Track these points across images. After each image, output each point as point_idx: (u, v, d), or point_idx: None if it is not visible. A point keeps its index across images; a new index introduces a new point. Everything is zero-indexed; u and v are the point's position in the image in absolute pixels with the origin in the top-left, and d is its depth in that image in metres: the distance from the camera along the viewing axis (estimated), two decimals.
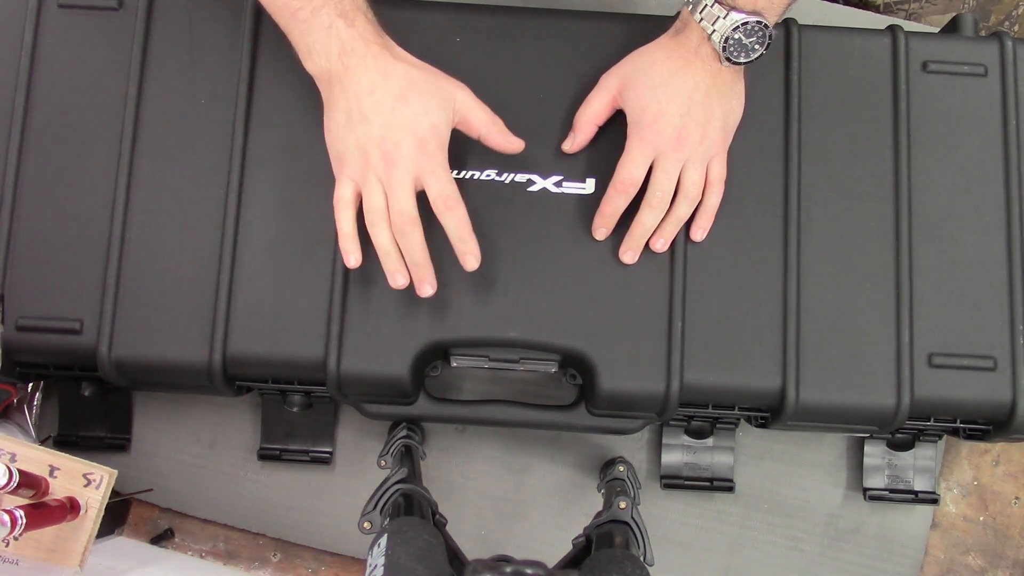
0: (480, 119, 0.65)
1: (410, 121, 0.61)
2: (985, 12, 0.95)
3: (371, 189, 0.62)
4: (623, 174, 0.66)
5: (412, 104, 0.61)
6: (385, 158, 0.61)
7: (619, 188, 0.66)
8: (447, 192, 0.62)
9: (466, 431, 0.81)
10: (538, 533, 0.80)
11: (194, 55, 0.71)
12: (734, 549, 0.81)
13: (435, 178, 0.62)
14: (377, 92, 0.61)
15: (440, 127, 0.63)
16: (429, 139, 0.62)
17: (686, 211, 0.67)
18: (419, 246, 0.62)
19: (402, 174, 0.61)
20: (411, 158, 0.61)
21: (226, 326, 0.67)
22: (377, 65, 0.62)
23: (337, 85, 0.62)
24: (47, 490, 0.65)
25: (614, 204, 0.67)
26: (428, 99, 0.62)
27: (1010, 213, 0.70)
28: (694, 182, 0.66)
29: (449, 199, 0.62)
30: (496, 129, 0.65)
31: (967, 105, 0.72)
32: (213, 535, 0.80)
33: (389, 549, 0.50)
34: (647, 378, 0.67)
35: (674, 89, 0.64)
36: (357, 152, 0.62)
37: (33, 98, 0.70)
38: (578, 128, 0.69)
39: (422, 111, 0.62)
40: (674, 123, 0.64)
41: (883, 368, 0.68)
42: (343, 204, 0.63)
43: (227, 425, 0.81)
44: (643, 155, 0.65)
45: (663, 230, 0.67)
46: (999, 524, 0.82)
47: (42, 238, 0.69)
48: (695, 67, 0.64)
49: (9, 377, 0.71)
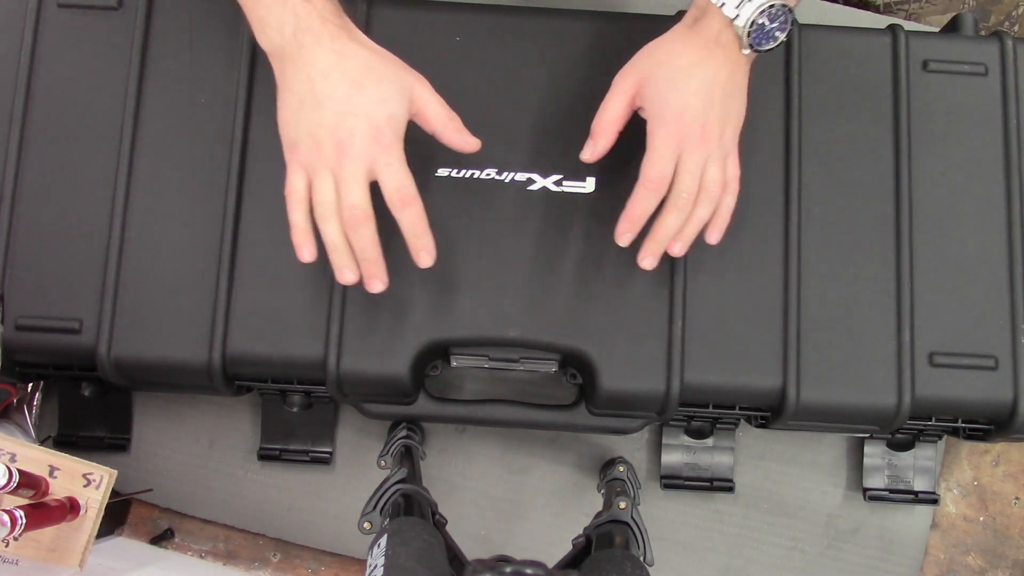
0: (436, 114, 0.61)
1: (366, 109, 0.58)
2: (985, 12, 0.95)
3: (321, 180, 0.59)
4: (653, 172, 0.61)
5: (368, 91, 0.58)
6: (338, 147, 0.58)
7: (650, 187, 0.61)
8: (403, 187, 0.59)
9: (466, 431, 0.81)
10: (538, 533, 0.80)
11: (194, 55, 0.71)
12: (734, 549, 0.81)
13: (391, 171, 0.58)
14: (332, 76, 0.58)
15: (397, 117, 0.59)
16: (385, 129, 0.58)
17: (707, 212, 0.63)
18: (370, 241, 0.59)
19: (355, 165, 0.58)
20: (365, 148, 0.58)
21: (226, 326, 0.67)
22: (334, 46, 0.58)
23: (290, 64, 0.59)
24: (47, 490, 0.65)
25: (643, 205, 0.62)
26: (385, 87, 0.59)
27: (1011, 212, 0.70)
28: (715, 180, 0.62)
29: (406, 195, 0.59)
30: (452, 126, 0.62)
31: (967, 104, 0.72)
32: (213, 535, 0.80)
33: (389, 549, 0.50)
34: (647, 378, 0.67)
35: (696, 82, 0.60)
36: (309, 140, 0.59)
37: (33, 98, 0.70)
38: (597, 134, 0.64)
39: (379, 99, 0.58)
40: (698, 118, 0.60)
41: (884, 368, 0.68)
42: (295, 197, 0.60)
43: (227, 425, 0.81)
44: (670, 150, 0.61)
45: (683, 233, 0.63)
46: (999, 524, 0.82)
47: (42, 238, 0.69)
48: (716, 57, 0.60)
49: (9, 377, 0.71)
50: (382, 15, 0.71)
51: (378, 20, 0.71)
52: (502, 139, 0.70)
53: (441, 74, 0.70)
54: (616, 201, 0.69)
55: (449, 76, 0.70)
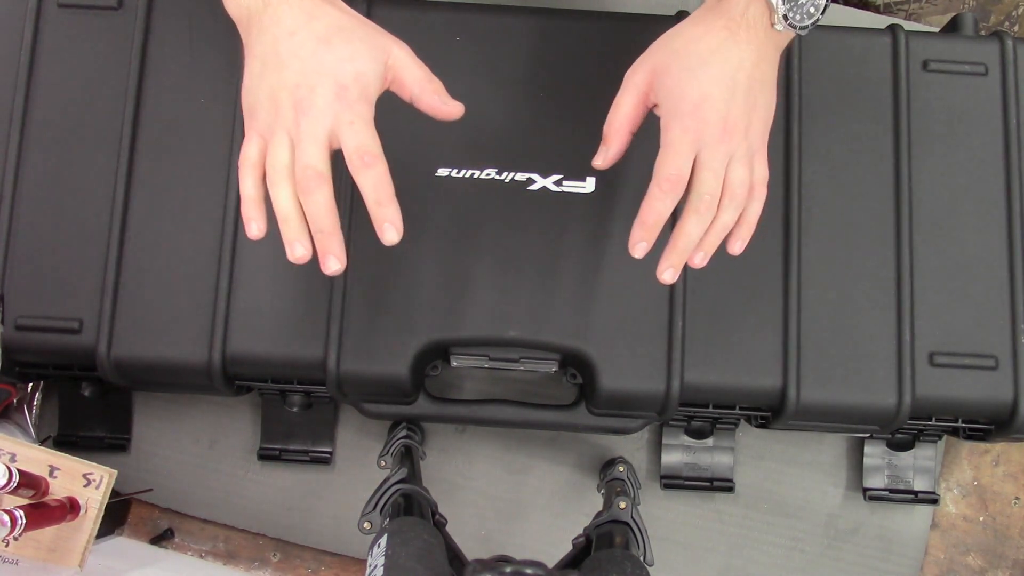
0: (415, 77, 0.55)
1: (331, 67, 0.52)
2: (985, 12, 0.95)
3: (277, 143, 0.52)
4: (669, 169, 0.54)
5: (336, 49, 0.52)
6: (296, 106, 0.51)
7: (665, 187, 0.54)
8: (366, 145, 0.51)
9: (466, 431, 0.81)
10: (538, 533, 0.80)
11: (194, 55, 0.71)
12: (734, 549, 0.81)
13: (352, 129, 0.51)
14: (298, 35, 0.52)
15: (367, 77, 0.53)
16: (351, 87, 0.52)
17: (732, 218, 0.56)
18: (325, 207, 0.51)
19: (313, 124, 0.51)
20: (327, 106, 0.51)
21: (226, 325, 0.67)
22: (303, 5, 0.53)
23: (256, 27, 0.53)
24: (47, 490, 0.65)
25: (658, 208, 0.54)
26: (356, 46, 0.53)
27: (1011, 212, 0.70)
28: (742, 181, 0.55)
29: (367, 153, 0.51)
30: (431, 88, 0.56)
31: (967, 104, 0.72)
32: (213, 535, 0.80)
33: (389, 549, 0.50)
34: (647, 378, 0.67)
35: (717, 69, 0.54)
36: (268, 102, 0.53)
37: (33, 98, 0.70)
38: (610, 138, 0.58)
39: (347, 57, 0.52)
40: (719, 110, 0.53)
41: (884, 367, 0.68)
42: (248, 164, 0.53)
43: (227, 425, 0.81)
44: (688, 146, 0.54)
45: (705, 241, 0.56)
46: (999, 524, 0.82)
47: (42, 237, 0.69)
48: (740, 39, 0.54)
49: (9, 377, 0.71)
50: (382, 15, 0.71)
51: (378, 20, 0.70)
52: (502, 139, 0.70)
53: (441, 74, 0.70)
54: (616, 201, 0.69)
55: (449, 76, 0.70)
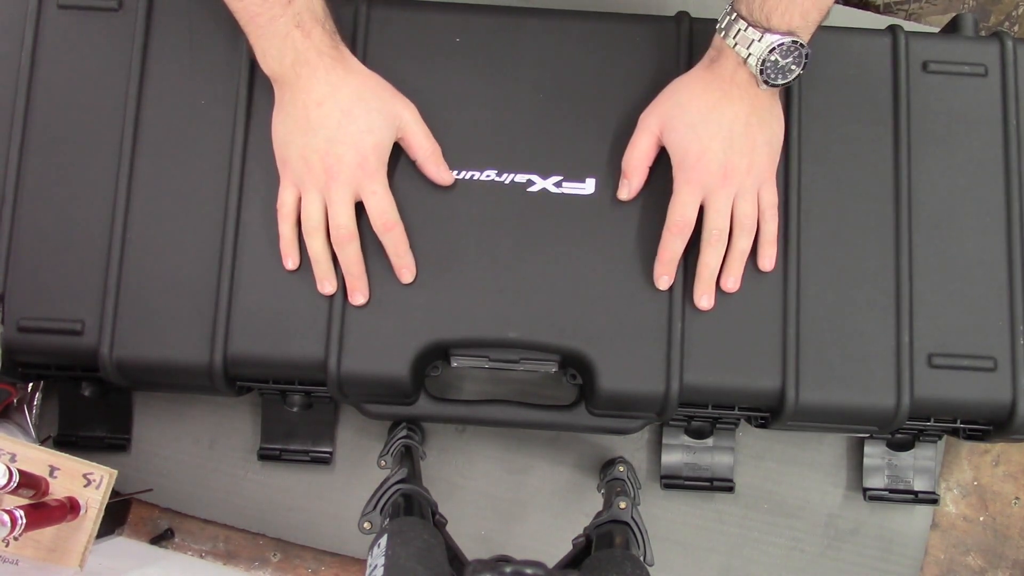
0: (420, 145, 0.67)
1: (354, 138, 0.64)
2: (985, 12, 0.95)
3: (310, 198, 0.65)
4: (676, 216, 0.66)
5: (357, 121, 0.64)
6: (327, 171, 0.64)
7: (674, 231, 0.66)
8: (386, 213, 0.66)
9: (466, 431, 0.82)
10: (538, 533, 0.80)
11: (194, 55, 0.71)
12: (734, 549, 0.81)
13: (376, 198, 0.65)
14: (325, 105, 0.63)
15: (383, 145, 0.65)
16: (370, 157, 0.65)
17: (746, 243, 0.67)
18: (355, 258, 0.66)
19: (342, 189, 0.64)
20: (352, 174, 0.64)
21: (227, 326, 0.67)
22: (328, 78, 0.64)
23: (288, 90, 0.64)
24: (47, 490, 0.65)
25: (672, 248, 0.67)
26: (374, 117, 0.65)
27: (1010, 213, 0.70)
28: (747, 213, 0.66)
29: (387, 220, 0.66)
30: (433, 160, 0.68)
31: (967, 105, 0.72)
32: (213, 535, 0.80)
33: (389, 549, 0.50)
34: (647, 378, 0.67)
35: (714, 125, 0.64)
36: (300, 160, 0.65)
37: (33, 98, 0.70)
38: (630, 173, 0.68)
39: (366, 129, 0.64)
40: (718, 159, 0.64)
41: (883, 368, 0.68)
42: (285, 211, 0.66)
43: (227, 425, 0.81)
44: (692, 195, 0.65)
45: (729, 267, 0.67)
46: (999, 524, 0.82)
47: (43, 239, 0.69)
48: (733, 97, 0.63)
49: (10, 377, 0.71)
50: (382, 15, 0.71)
51: (378, 20, 0.71)
52: (502, 140, 0.70)
53: (441, 74, 0.71)
54: (616, 203, 0.69)
55: (449, 76, 0.71)
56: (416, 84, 0.70)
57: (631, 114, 0.69)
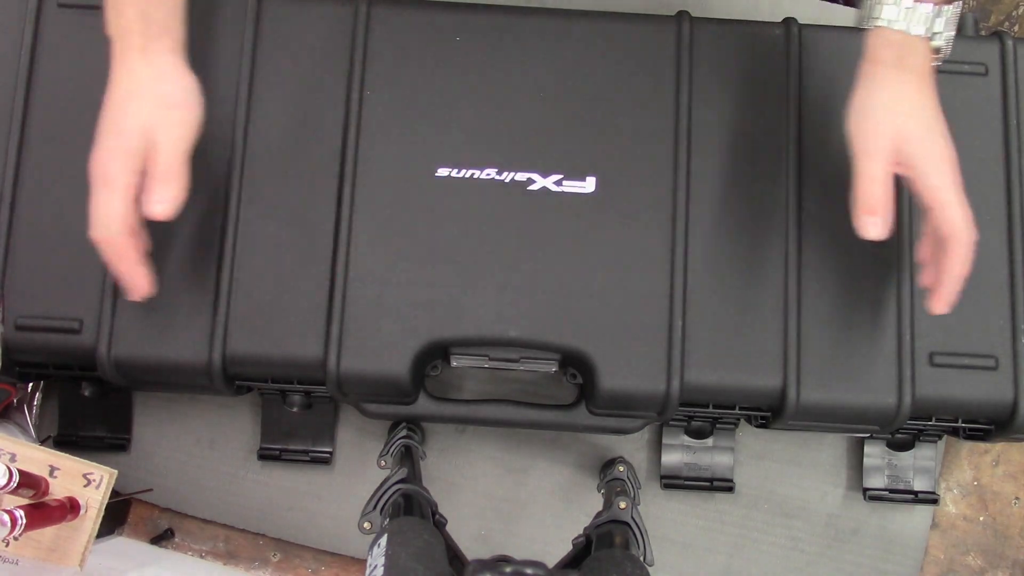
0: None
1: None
2: (985, 12, 0.95)
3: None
4: (969, 230, 0.59)
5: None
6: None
7: (973, 247, 0.60)
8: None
9: (466, 431, 0.81)
10: (538, 533, 0.80)
11: (193, 55, 0.71)
12: (734, 549, 0.81)
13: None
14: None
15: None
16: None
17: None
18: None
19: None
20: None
21: (226, 326, 0.67)
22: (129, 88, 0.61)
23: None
24: (47, 490, 0.65)
25: (966, 263, 0.60)
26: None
27: (1011, 212, 0.70)
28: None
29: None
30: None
31: (967, 104, 0.72)
32: (213, 535, 0.80)
33: (389, 549, 0.50)
34: (647, 378, 0.67)
35: (941, 124, 0.61)
36: None
37: (33, 98, 0.70)
38: (879, 208, 0.60)
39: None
40: (954, 159, 0.60)
41: (884, 368, 0.68)
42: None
43: (227, 425, 0.81)
44: (958, 195, 0.60)
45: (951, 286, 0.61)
46: (999, 524, 0.82)
47: (42, 238, 0.69)
48: (932, 90, 0.61)
49: (9, 377, 0.71)
50: (382, 15, 0.71)
51: (378, 20, 0.71)
52: (502, 138, 0.70)
53: (441, 74, 0.71)
54: (616, 201, 0.69)
55: (449, 76, 0.71)
56: (416, 83, 0.70)
57: (631, 113, 0.69)
